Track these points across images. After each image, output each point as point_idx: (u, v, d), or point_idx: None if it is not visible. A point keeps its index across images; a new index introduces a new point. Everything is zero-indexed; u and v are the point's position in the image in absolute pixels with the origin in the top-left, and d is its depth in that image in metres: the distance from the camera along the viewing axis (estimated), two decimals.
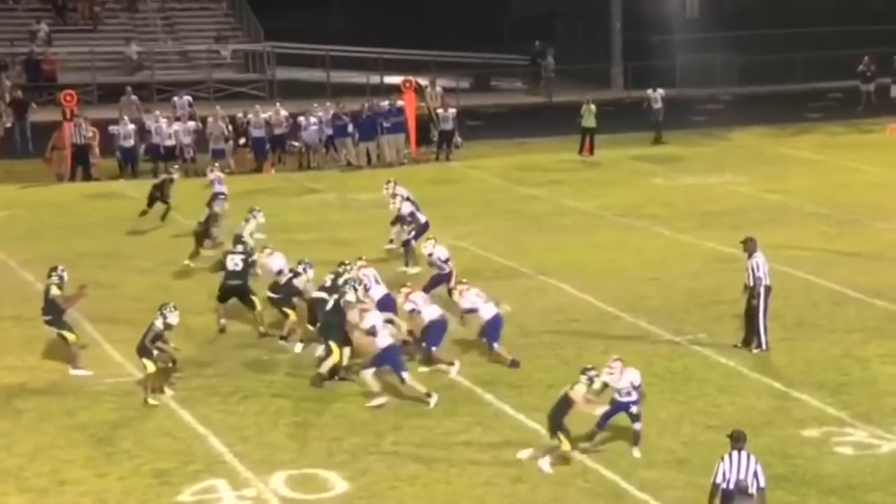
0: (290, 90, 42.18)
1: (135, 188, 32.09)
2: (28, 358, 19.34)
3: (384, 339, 17.52)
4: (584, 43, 48.40)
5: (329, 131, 34.82)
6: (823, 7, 50.71)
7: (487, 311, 18.92)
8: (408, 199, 24.64)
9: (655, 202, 29.58)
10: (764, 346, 19.02)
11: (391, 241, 24.49)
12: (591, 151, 35.48)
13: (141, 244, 26.16)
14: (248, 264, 20.37)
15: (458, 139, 35.95)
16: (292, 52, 46.00)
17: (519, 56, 48.29)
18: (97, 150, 33.55)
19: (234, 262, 20.27)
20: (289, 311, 19.83)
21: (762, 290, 18.94)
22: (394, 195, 24.57)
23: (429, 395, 17.37)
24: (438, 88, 38.32)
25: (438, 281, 21.42)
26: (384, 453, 15.79)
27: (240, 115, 35.17)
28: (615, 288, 22.38)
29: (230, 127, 34.31)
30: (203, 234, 24.14)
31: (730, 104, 43.61)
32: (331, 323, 18.32)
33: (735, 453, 12.83)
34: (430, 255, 21.47)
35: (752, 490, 12.67)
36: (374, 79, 44.42)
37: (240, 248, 20.78)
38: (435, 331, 18.66)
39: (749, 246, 19.20)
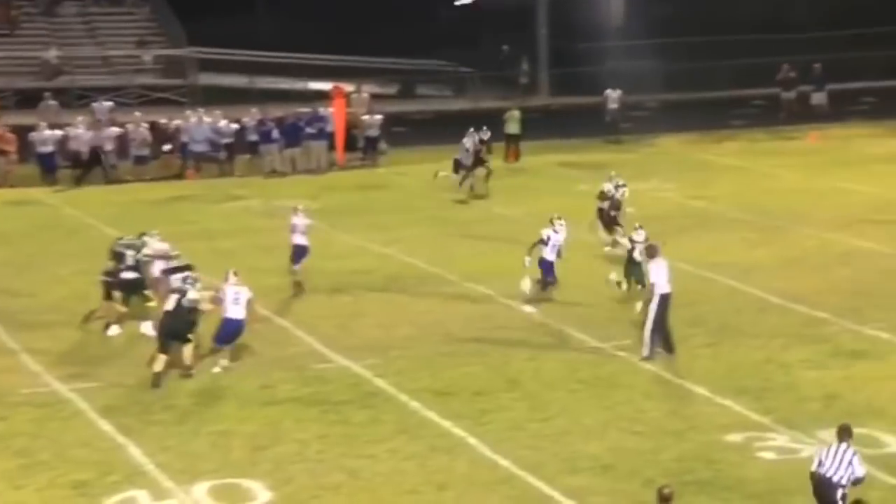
0: (214, 96, 41.78)
1: (53, 195, 31.65)
2: None
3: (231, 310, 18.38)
4: (511, 49, 48.49)
5: (254, 137, 34.58)
6: (746, 15, 51.32)
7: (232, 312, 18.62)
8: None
9: (583, 209, 29.61)
10: (646, 354, 18.88)
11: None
12: (517, 158, 35.53)
13: (59, 252, 25.74)
14: None
15: (383, 145, 35.85)
16: (216, 58, 45.61)
17: (445, 62, 48.29)
18: (14, 156, 33.03)
19: None
20: (115, 295, 19.95)
21: (655, 297, 18.91)
22: (618, 186, 25.48)
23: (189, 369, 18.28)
24: (364, 94, 38.23)
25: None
26: (309, 461, 15.63)
27: (164, 120, 34.81)
28: (541, 294, 22.27)
29: (153, 133, 33.96)
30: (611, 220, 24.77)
31: (655, 111, 43.91)
32: (175, 331, 18.23)
33: (834, 444, 13.09)
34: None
35: (844, 481, 12.89)
36: (300, 85, 44.15)
37: None
38: (225, 329, 18.57)
39: (647, 251, 19.26)
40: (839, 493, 12.95)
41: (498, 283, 23.01)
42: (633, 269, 21.65)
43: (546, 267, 21.73)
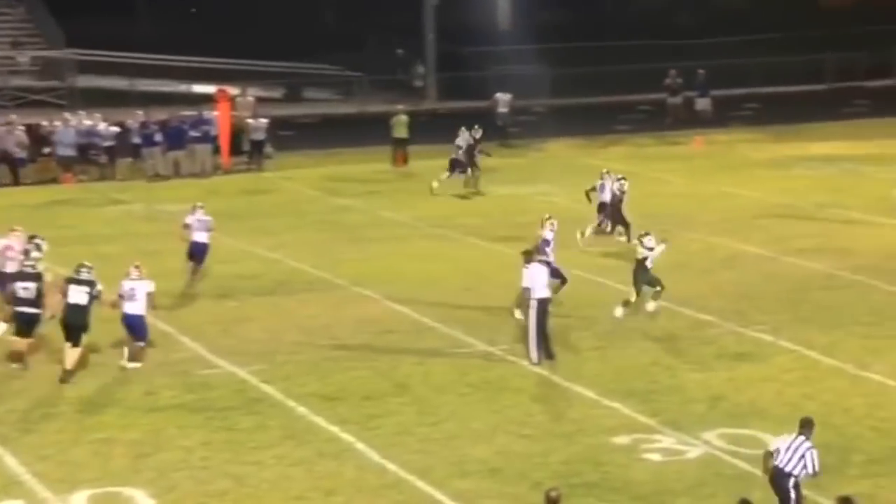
0: (93, 98, 40.91)
1: None
2: None
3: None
4: (405, 53, 48.42)
5: (137, 140, 33.96)
6: (632, 21, 51.89)
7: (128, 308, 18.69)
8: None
9: (470, 212, 29.65)
10: (534, 360, 18.83)
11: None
12: (405, 162, 35.42)
13: None
14: None
15: (269, 149, 35.46)
16: (96, 60, 44.70)
17: (330, 66, 48.01)
18: None
19: None
20: None
21: (531, 302, 18.86)
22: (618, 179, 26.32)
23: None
24: (250, 98, 37.81)
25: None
26: (193, 468, 15.31)
27: (44, 123, 34.05)
28: (431, 298, 22.27)
29: (30, 136, 33.18)
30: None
31: (542, 116, 44.06)
32: (80, 323, 18.09)
33: (793, 436, 13.42)
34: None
35: (797, 471, 13.23)
36: (183, 88, 43.50)
37: None
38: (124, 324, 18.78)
39: (523, 256, 19.27)
40: (791, 481, 13.19)
41: (386, 287, 22.86)
42: (644, 276, 20.78)
43: (553, 269, 20.61)
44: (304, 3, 50.69)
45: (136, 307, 18.54)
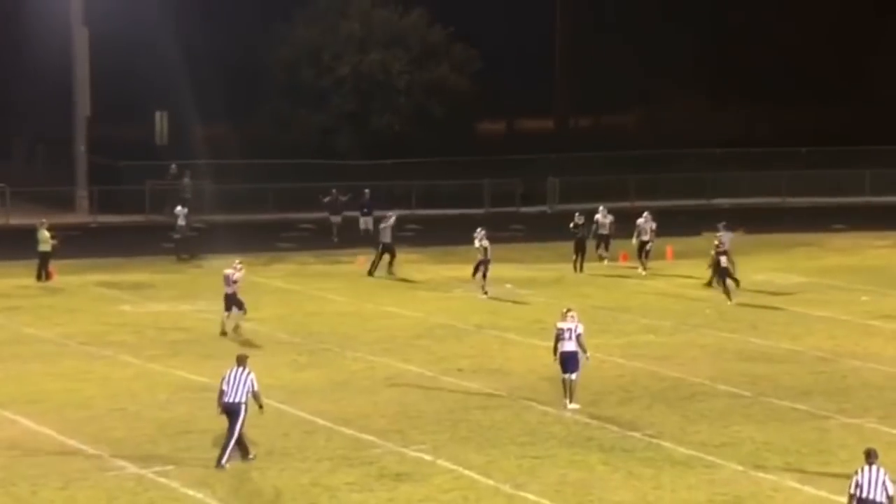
0: None
1: None
2: None
3: None
4: (46, 164, 46.99)
5: None
6: (295, 140, 52.09)
7: None
8: None
9: (123, 330, 28.48)
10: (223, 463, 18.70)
11: None
12: (49, 276, 33.84)
13: None
14: None
15: None
16: None
17: None
18: None
19: None
20: None
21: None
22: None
23: None
24: None
25: None
26: None
27: None
28: (77, 420, 21.27)
29: None
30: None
31: (202, 231, 43.24)
32: None
33: (867, 467, 15.04)
34: None
35: (882, 498, 14.82)
36: None
37: None
38: None
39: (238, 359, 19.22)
40: None
41: (28, 408, 21.71)
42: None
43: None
44: None
45: None
